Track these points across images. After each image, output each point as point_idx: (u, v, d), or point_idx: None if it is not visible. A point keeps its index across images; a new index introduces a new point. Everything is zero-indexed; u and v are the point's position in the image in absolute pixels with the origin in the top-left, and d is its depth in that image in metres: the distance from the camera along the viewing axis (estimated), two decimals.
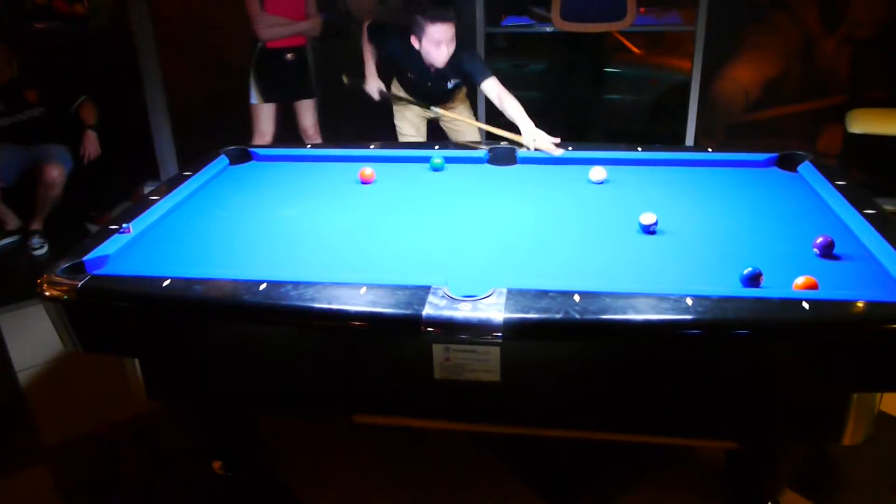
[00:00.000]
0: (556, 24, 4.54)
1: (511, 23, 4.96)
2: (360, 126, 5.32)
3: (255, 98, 4.39)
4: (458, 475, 2.51)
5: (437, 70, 3.57)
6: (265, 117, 4.44)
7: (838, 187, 2.46)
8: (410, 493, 2.44)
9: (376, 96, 3.83)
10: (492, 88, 3.48)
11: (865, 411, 1.81)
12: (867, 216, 2.21)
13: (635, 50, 5.52)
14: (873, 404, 1.82)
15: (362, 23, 3.92)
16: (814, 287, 1.83)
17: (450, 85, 3.74)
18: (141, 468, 2.61)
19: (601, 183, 2.71)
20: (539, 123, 3.20)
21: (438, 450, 2.61)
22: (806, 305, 1.71)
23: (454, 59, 3.52)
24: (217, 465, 2.52)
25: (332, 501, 2.43)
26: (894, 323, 1.67)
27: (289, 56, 4.34)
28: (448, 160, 2.96)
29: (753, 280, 1.87)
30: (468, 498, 2.42)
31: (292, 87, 4.49)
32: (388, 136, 4.06)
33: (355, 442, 2.67)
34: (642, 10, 4.76)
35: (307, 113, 4.56)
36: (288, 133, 4.77)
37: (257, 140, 4.44)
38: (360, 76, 3.89)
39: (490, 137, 3.43)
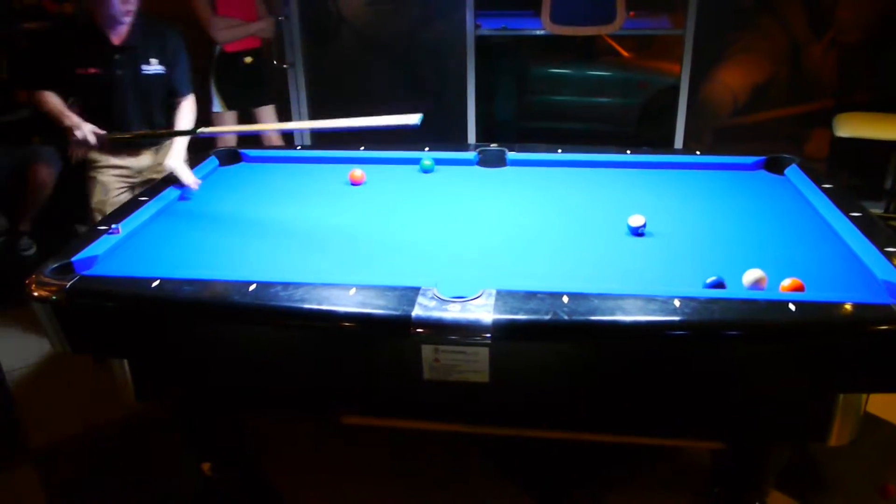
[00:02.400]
0: (546, 27, 4.56)
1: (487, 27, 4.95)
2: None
3: (217, 106, 4.32)
4: (447, 475, 2.52)
5: (124, 42, 2.86)
6: (230, 125, 4.41)
7: (825, 190, 2.48)
8: (400, 493, 2.45)
9: (93, 139, 2.82)
10: (191, 108, 3.09)
11: (851, 412, 1.83)
12: (853, 219, 2.23)
13: (625, 53, 5.55)
14: (859, 405, 1.84)
15: (355, 24, 3.88)
16: (800, 289, 1.84)
17: (149, 70, 2.95)
18: (129, 469, 2.60)
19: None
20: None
21: (427, 450, 2.61)
22: (792, 307, 1.72)
23: (152, 34, 2.92)
24: (206, 466, 2.51)
25: (322, 502, 2.43)
26: (879, 325, 1.69)
27: (247, 59, 4.31)
28: (438, 162, 2.97)
29: (717, 287, 1.90)
30: (457, 498, 2.42)
31: (252, 94, 4.44)
32: (377, 138, 4.06)
33: (345, 443, 2.67)
34: (632, 14, 4.78)
35: (268, 119, 4.51)
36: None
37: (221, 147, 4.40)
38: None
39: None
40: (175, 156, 2.80)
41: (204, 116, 4.32)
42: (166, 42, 2.98)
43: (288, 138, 5.08)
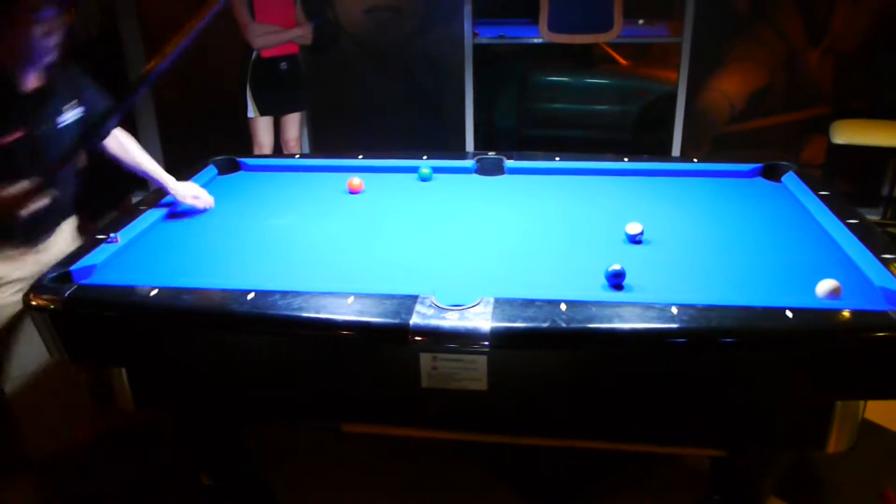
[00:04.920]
0: (544, 35, 4.57)
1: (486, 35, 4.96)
2: (348, 136, 5.35)
3: (252, 112, 4.36)
4: (445, 483, 2.51)
5: (40, 87, 2.12)
6: (263, 129, 4.43)
7: (822, 197, 2.49)
8: (397, 502, 2.44)
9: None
10: (122, 135, 2.49)
11: (849, 419, 1.82)
12: (850, 226, 2.23)
13: (622, 61, 5.56)
14: (857, 412, 1.84)
15: (353, 32, 3.88)
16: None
17: (67, 119, 2.22)
18: (128, 479, 2.59)
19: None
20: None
21: (427, 458, 2.61)
22: (790, 314, 1.72)
23: (62, 72, 2.20)
24: (205, 476, 2.51)
25: None
26: (877, 331, 1.69)
27: (283, 65, 4.34)
28: (436, 170, 2.97)
29: (616, 277, 1.95)
30: None
31: (287, 100, 4.47)
32: (376, 146, 4.07)
33: (344, 451, 2.67)
34: (641, 21, 4.80)
35: (293, 125, 4.56)
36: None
37: (256, 152, 4.43)
38: None
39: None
40: (171, 180, 2.48)
41: (239, 122, 4.37)
42: (70, 73, 2.28)
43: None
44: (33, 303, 1.94)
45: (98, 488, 2.56)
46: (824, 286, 1.87)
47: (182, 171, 2.99)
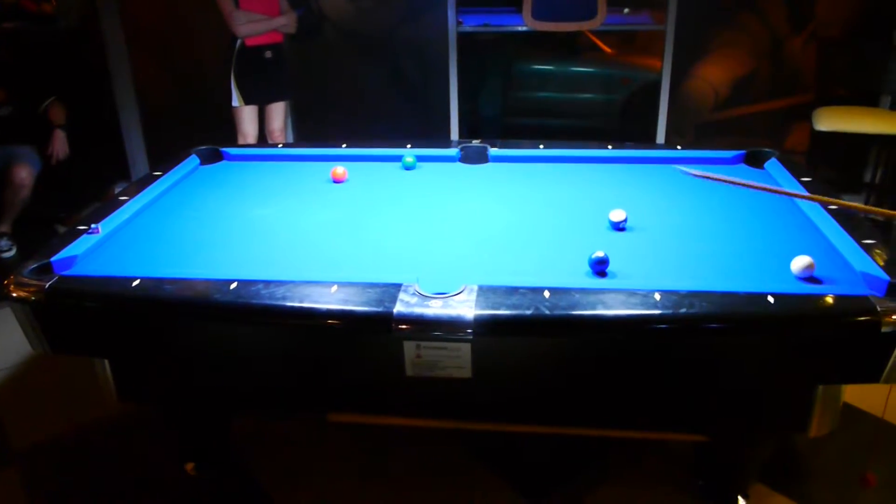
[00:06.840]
0: (528, 23, 4.56)
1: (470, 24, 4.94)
2: (332, 125, 5.33)
3: (236, 101, 4.34)
4: (431, 472, 2.52)
5: None
6: (248, 119, 4.41)
7: (804, 183, 2.50)
8: (384, 491, 2.45)
9: None
10: None
11: (831, 403, 1.85)
12: (831, 212, 2.25)
13: (606, 49, 5.56)
14: (838, 396, 1.86)
15: (336, 21, 3.85)
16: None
17: None
18: (112, 471, 2.58)
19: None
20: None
21: (411, 447, 2.61)
22: (771, 299, 1.73)
23: None
24: (189, 466, 2.50)
25: (306, 501, 2.42)
26: (857, 316, 1.70)
27: (268, 54, 4.32)
28: (420, 159, 2.97)
29: (600, 264, 1.95)
30: (441, 495, 2.42)
31: (271, 88, 4.45)
32: (360, 135, 4.05)
33: (329, 441, 2.66)
34: (626, 10, 4.79)
35: (277, 115, 4.54)
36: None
37: (241, 142, 4.40)
38: None
39: None
40: None
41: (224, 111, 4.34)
42: None
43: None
44: (14, 294, 1.92)
45: (81, 480, 2.55)
46: (799, 263, 1.89)
47: (164, 160, 2.98)
